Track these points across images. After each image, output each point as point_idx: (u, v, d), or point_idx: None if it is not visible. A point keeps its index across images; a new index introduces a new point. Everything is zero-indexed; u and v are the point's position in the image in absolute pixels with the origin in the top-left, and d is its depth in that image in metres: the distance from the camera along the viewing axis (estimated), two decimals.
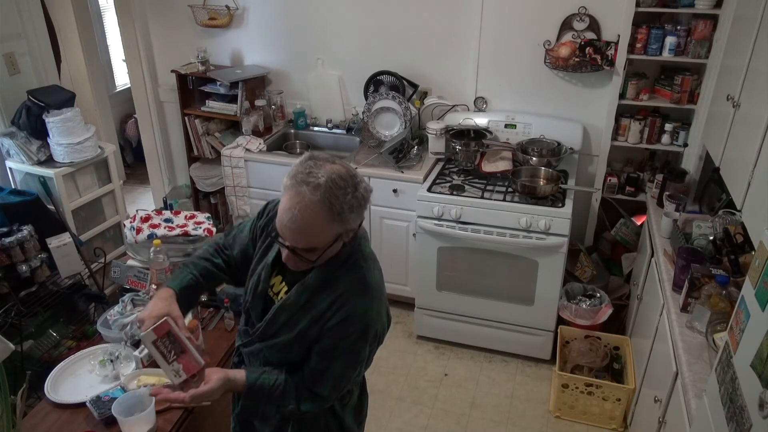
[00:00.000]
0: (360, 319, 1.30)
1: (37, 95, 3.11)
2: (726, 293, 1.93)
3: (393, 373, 3.02)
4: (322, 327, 1.31)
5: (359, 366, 1.36)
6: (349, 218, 1.22)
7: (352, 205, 1.20)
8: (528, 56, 3.13)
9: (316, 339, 1.33)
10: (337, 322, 1.29)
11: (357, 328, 1.30)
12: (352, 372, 1.36)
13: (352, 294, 1.30)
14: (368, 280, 1.34)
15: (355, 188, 1.21)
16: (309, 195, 1.16)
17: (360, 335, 1.31)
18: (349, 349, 1.32)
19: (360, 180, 1.24)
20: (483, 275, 2.94)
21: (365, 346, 1.33)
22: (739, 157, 2.02)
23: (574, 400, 2.68)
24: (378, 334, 1.35)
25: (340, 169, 1.22)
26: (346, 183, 1.20)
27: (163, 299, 1.39)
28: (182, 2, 3.59)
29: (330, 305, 1.30)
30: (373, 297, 1.33)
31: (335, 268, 1.33)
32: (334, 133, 3.60)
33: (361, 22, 3.37)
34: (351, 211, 1.21)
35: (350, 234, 1.28)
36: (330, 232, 1.22)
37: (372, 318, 1.32)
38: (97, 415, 1.62)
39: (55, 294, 2.63)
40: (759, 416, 1.17)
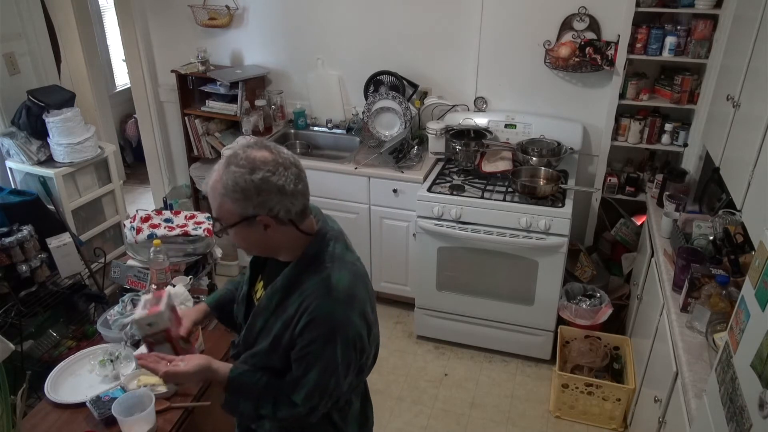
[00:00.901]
0: (324, 322, 1.25)
1: (37, 95, 3.10)
2: (726, 293, 1.93)
3: (393, 373, 3.02)
4: (292, 332, 1.29)
5: (336, 374, 1.28)
6: (238, 197, 1.21)
7: (238, 184, 1.20)
8: (528, 56, 3.13)
9: (290, 346, 1.31)
10: (303, 327, 1.26)
11: (322, 331, 1.25)
12: (330, 380, 1.29)
13: (315, 296, 1.27)
14: (333, 281, 1.29)
15: (252, 171, 1.20)
16: (216, 166, 1.25)
17: (327, 339, 1.26)
18: (320, 355, 1.27)
19: (265, 170, 1.21)
20: (483, 275, 2.94)
21: (336, 350, 1.26)
22: (739, 157, 2.02)
23: (574, 400, 2.68)
24: (352, 338, 1.28)
25: (256, 153, 1.23)
26: (246, 164, 1.21)
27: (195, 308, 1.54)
28: (182, 2, 3.59)
29: (296, 309, 1.28)
30: (337, 299, 1.27)
31: (301, 270, 1.32)
32: (334, 133, 3.60)
33: (361, 22, 3.37)
34: (239, 192, 1.21)
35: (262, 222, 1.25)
36: (226, 207, 1.24)
37: (338, 320, 1.26)
38: (97, 415, 1.62)
39: (55, 294, 2.63)
40: (759, 416, 1.17)
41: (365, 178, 3.12)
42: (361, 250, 3.31)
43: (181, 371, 1.33)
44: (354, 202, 3.20)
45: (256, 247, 1.35)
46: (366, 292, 1.36)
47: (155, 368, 1.33)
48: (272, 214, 1.24)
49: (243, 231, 1.27)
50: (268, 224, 1.26)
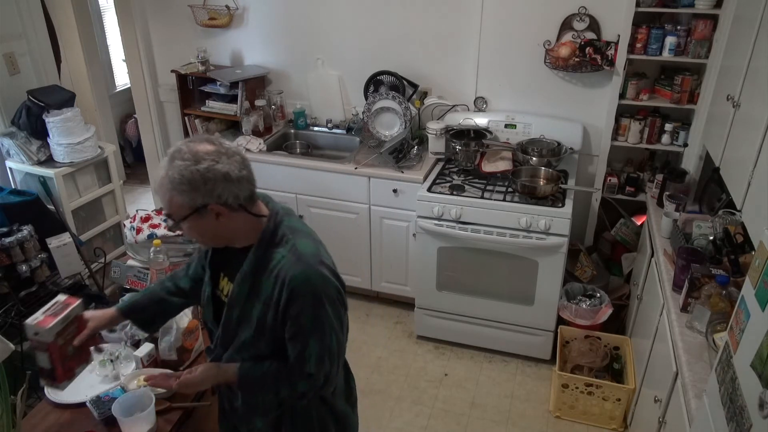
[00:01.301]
0: (305, 288, 1.30)
1: (37, 95, 3.11)
2: (726, 293, 1.93)
3: (393, 373, 3.02)
4: (276, 310, 1.33)
5: (332, 333, 1.35)
6: (185, 189, 1.25)
7: (184, 176, 1.24)
8: (528, 56, 3.13)
9: (275, 325, 1.34)
10: (286, 300, 1.30)
11: (307, 297, 1.31)
12: (329, 341, 1.35)
13: (288, 267, 1.31)
14: (299, 249, 1.34)
15: (195, 163, 1.24)
16: (161, 168, 1.28)
17: (315, 303, 1.31)
18: (314, 322, 1.32)
19: (206, 161, 1.25)
20: (483, 275, 2.94)
21: (325, 311, 1.32)
22: (739, 157, 2.02)
23: (574, 400, 2.68)
24: (332, 295, 1.35)
25: (194, 146, 1.27)
26: (189, 156, 1.25)
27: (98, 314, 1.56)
28: (182, 2, 3.59)
29: (273, 285, 1.32)
30: (308, 263, 1.32)
31: (265, 248, 1.36)
32: (334, 133, 3.60)
33: (361, 22, 3.37)
34: (186, 184, 1.24)
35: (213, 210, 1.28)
36: (176, 201, 1.27)
37: (315, 281, 1.32)
38: (97, 415, 1.62)
39: (55, 294, 2.62)
40: (759, 416, 1.17)
41: (365, 178, 3.12)
42: (361, 250, 3.31)
43: (191, 379, 1.38)
44: (354, 202, 3.20)
45: (211, 238, 1.37)
46: (328, 253, 1.43)
47: (166, 384, 1.40)
48: (221, 202, 1.28)
49: (196, 222, 1.30)
50: (220, 212, 1.29)
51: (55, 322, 1.43)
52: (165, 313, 1.65)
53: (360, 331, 3.31)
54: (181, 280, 1.64)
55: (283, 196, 3.31)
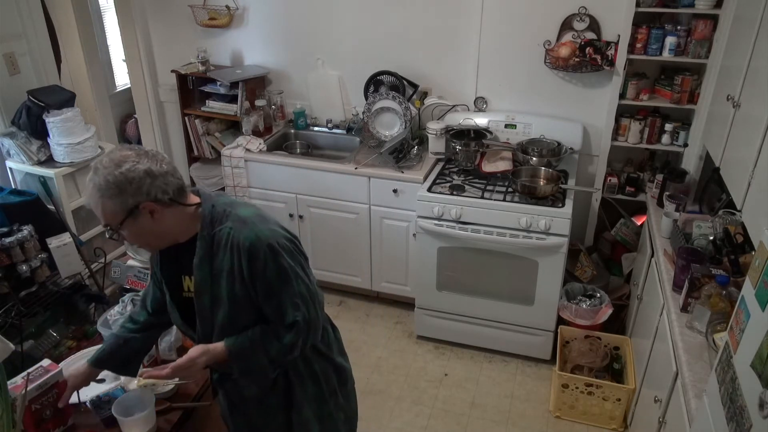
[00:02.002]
0: (259, 246, 1.36)
1: (37, 95, 3.10)
2: (726, 293, 1.93)
3: (393, 373, 3.02)
4: (242, 280, 1.37)
5: (298, 279, 1.41)
6: (113, 193, 1.30)
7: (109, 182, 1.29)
8: (528, 56, 3.13)
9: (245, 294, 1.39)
10: (248, 264, 1.36)
11: (264, 254, 1.36)
12: (297, 286, 1.41)
13: (238, 234, 1.37)
14: (241, 215, 1.41)
15: (117, 167, 1.30)
16: (87, 182, 1.34)
17: (272, 256, 1.37)
18: (278, 274, 1.38)
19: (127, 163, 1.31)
20: (483, 275, 2.94)
21: (285, 260, 1.38)
22: (739, 157, 2.02)
23: (574, 400, 2.68)
24: (286, 245, 1.41)
25: (115, 155, 1.33)
26: (108, 165, 1.31)
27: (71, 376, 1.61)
28: (182, 2, 3.59)
29: (231, 258, 1.37)
30: (253, 223, 1.39)
31: (210, 229, 1.40)
32: (334, 133, 3.60)
33: (361, 22, 3.37)
34: (113, 188, 1.29)
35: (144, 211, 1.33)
36: (108, 208, 1.32)
37: (266, 236, 1.38)
38: (97, 415, 1.62)
39: (55, 294, 2.63)
40: (759, 416, 1.17)
41: (365, 178, 3.12)
42: (361, 250, 3.31)
43: (185, 360, 1.41)
44: (354, 202, 3.20)
45: (153, 239, 1.41)
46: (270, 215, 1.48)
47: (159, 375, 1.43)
48: (151, 198, 1.32)
49: (133, 226, 1.34)
50: (153, 209, 1.34)
51: (29, 389, 1.50)
52: (136, 352, 1.67)
53: (360, 331, 3.31)
54: (139, 315, 1.68)
55: (283, 196, 3.31)
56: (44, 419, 1.55)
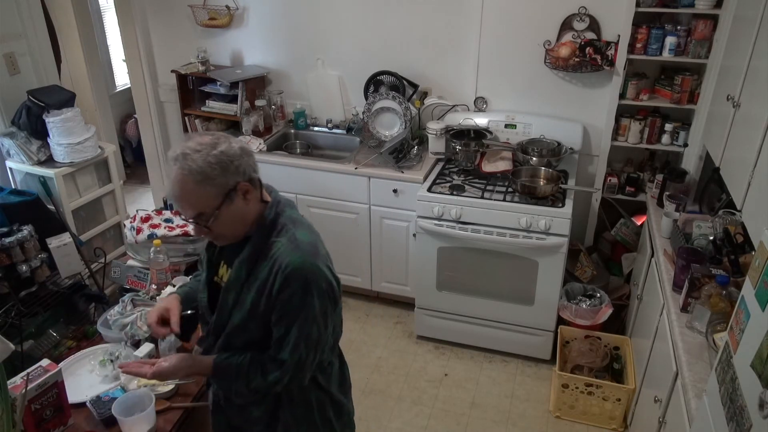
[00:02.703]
0: (298, 275, 1.33)
1: (37, 95, 3.10)
2: (726, 293, 1.93)
3: (393, 373, 3.02)
4: (269, 296, 1.35)
5: (315, 323, 1.37)
6: (216, 173, 1.27)
7: (211, 163, 1.26)
8: (528, 56, 3.13)
9: (267, 311, 1.37)
10: (279, 286, 1.33)
11: (298, 283, 1.33)
12: (312, 330, 1.37)
13: (285, 254, 1.34)
14: (298, 238, 1.37)
15: (213, 148, 1.27)
16: (174, 169, 1.27)
17: (304, 290, 1.34)
18: (300, 308, 1.34)
19: (222, 143, 1.30)
20: (483, 275, 2.94)
21: (313, 300, 1.35)
22: (739, 157, 2.02)
23: (574, 400, 2.68)
24: (324, 288, 1.37)
25: (199, 139, 1.30)
26: (202, 147, 1.27)
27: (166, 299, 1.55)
28: (182, 2, 3.59)
29: (269, 272, 1.35)
30: (305, 251, 1.35)
31: (265, 237, 1.38)
32: (334, 133, 3.60)
33: (361, 22, 3.37)
34: (214, 169, 1.27)
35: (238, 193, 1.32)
36: (206, 193, 1.28)
37: (309, 270, 1.34)
38: (97, 415, 1.62)
39: (55, 294, 2.63)
40: (759, 416, 1.17)
41: (365, 178, 3.12)
42: (361, 250, 3.31)
43: (165, 367, 1.42)
44: (354, 202, 3.20)
45: (240, 225, 1.37)
46: (325, 249, 1.45)
47: (140, 372, 1.43)
48: (246, 177, 1.32)
49: (228, 210, 1.32)
50: (247, 190, 1.33)
51: (29, 389, 1.50)
52: None
53: (360, 331, 3.31)
54: None
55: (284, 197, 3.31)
56: (44, 419, 1.55)
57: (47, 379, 1.55)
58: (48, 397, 1.55)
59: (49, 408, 1.56)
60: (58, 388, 1.58)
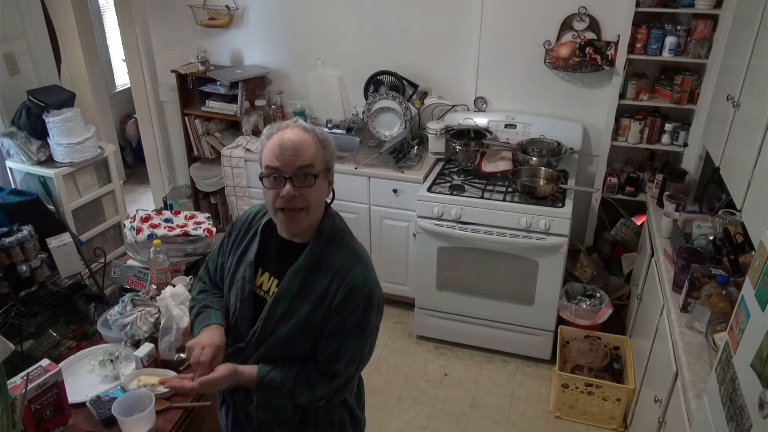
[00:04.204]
0: (362, 288, 1.34)
1: (37, 95, 3.10)
2: (726, 293, 1.93)
3: (393, 373, 3.02)
4: (327, 308, 1.33)
5: (369, 338, 1.39)
6: (330, 150, 1.36)
7: (326, 135, 1.36)
8: (528, 56, 3.13)
9: (322, 324, 1.34)
10: (343, 298, 1.32)
11: (362, 297, 1.34)
12: (364, 345, 1.38)
13: (349, 266, 1.34)
14: (358, 250, 1.40)
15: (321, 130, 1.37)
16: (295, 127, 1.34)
17: (367, 304, 1.35)
18: (359, 322, 1.35)
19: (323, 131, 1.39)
20: (483, 275, 2.94)
21: (372, 314, 1.37)
22: (739, 157, 2.02)
23: (574, 400, 2.68)
24: (380, 300, 1.41)
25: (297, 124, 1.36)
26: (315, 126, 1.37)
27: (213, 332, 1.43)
28: (182, 2, 3.59)
29: (330, 283, 1.33)
30: (367, 265, 1.38)
31: (322, 247, 1.37)
32: (334, 133, 3.60)
33: (361, 22, 3.37)
34: (326, 142, 1.35)
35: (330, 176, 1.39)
36: (319, 154, 1.33)
37: (372, 284, 1.37)
38: (97, 415, 1.62)
39: (55, 294, 2.63)
40: (759, 416, 1.17)
41: (365, 178, 3.12)
42: None
43: (214, 378, 1.34)
44: (354, 202, 3.20)
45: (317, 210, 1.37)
46: None
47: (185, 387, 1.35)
48: (331, 167, 1.39)
49: (321, 184, 1.35)
50: (331, 180, 1.40)
51: (29, 389, 1.50)
52: None
53: None
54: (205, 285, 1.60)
55: None
56: (44, 419, 1.55)
57: (47, 379, 1.55)
58: (48, 397, 1.55)
59: (49, 408, 1.56)
60: (58, 388, 1.58)
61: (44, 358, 1.63)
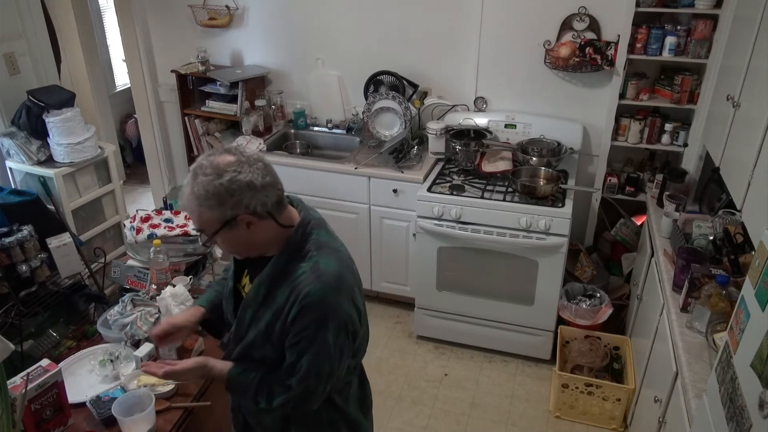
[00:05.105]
0: (315, 308, 1.29)
1: (37, 95, 3.10)
2: (726, 293, 1.93)
3: (393, 373, 3.02)
4: (284, 322, 1.32)
5: (330, 358, 1.32)
6: (213, 204, 1.25)
7: (209, 191, 1.24)
8: (528, 56, 3.13)
9: (282, 335, 1.34)
10: (295, 315, 1.29)
11: (314, 317, 1.29)
12: (323, 364, 1.32)
13: (305, 283, 1.29)
14: (321, 267, 1.32)
15: (219, 177, 1.24)
16: (186, 191, 1.28)
17: (319, 324, 1.29)
18: (313, 341, 1.30)
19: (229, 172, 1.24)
20: (483, 275, 2.94)
21: (328, 335, 1.30)
22: (739, 157, 2.02)
23: (574, 400, 2.68)
24: (343, 322, 1.32)
25: (218, 159, 1.27)
26: (212, 171, 1.25)
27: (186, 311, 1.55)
28: (182, 2, 3.59)
29: (287, 298, 1.31)
30: (327, 284, 1.30)
31: (287, 259, 1.35)
32: (334, 133, 3.60)
33: (361, 22, 3.37)
34: (212, 199, 1.24)
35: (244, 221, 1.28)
36: (204, 216, 1.27)
37: (327, 305, 1.29)
38: (97, 415, 1.62)
39: (55, 294, 2.63)
40: (759, 416, 1.17)
41: (365, 178, 3.12)
42: (361, 250, 3.31)
43: (179, 368, 1.42)
44: (354, 202, 3.20)
45: (244, 249, 1.37)
46: (352, 276, 1.40)
47: (155, 372, 1.43)
48: (249, 211, 1.27)
49: (228, 235, 1.30)
50: (250, 222, 1.29)
51: (29, 389, 1.50)
52: None
53: None
54: None
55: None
56: (44, 419, 1.55)
57: (47, 379, 1.55)
58: (48, 397, 1.55)
59: (49, 408, 1.56)
60: (58, 388, 1.58)
61: (44, 358, 1.63)
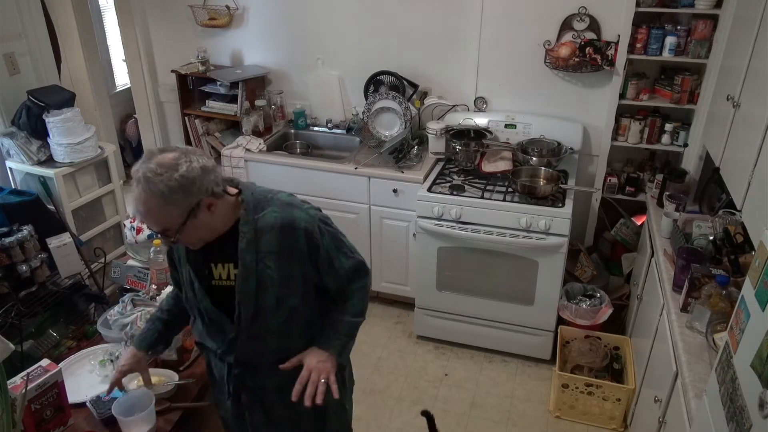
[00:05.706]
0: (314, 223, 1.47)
1: (37, 95, 3.11)
2: (726, 293, 1.93)
3: (393, 373, 3.02)
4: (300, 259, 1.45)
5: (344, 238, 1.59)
6: (178, 197, 1.30)
7: (172, 187, 1.28)
8: (528, 56, 3.13)
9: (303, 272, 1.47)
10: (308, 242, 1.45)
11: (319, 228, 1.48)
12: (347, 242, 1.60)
13: (288, 217, 1.44)
14: (282, 200, 1.48)
15: (174, 171, 1.29)
16: (138, 190, 1.30)
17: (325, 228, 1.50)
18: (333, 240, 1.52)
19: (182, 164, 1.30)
20: (483, 275, 2.94)
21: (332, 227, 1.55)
22: (739, 157, 2.02)
23: (574, 400, 2.68)
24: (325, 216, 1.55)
25: (160, 159, 1.31)
26: (163, 170, 1.28)
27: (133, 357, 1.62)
28: (182, 2, 3.59)
29: (281, 239, 1.43)
30: (298, 206, 1.49)
31: (254, 214, 1.44)
32: (334, 133, 3.60)
33: (361, 22, 3.37)
34: (178, 192, 1.29)
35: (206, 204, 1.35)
36: (171, 212, 1.32)
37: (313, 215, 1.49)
38: (97, 415, 1.62)
39: (55, 294, 2.63)
40: (759, 416, 1.17)
41: (365, 178, 3.12)
42: (361, 250, 3.27)
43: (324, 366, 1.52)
44: (354, 202, 3.20)
45: (207, 233, 1.41)
46: None
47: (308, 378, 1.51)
48: (209, 193, 1.35)
49: (192, 224, 1.35)
50: (211, 203, 1.36)
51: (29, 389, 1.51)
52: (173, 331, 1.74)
53: (360, 331, 3.29)
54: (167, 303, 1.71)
55: None
56: (44, 419, 1.55)
57: (47, 379, 1.55)
58: (48, 397, 1.55)
59: (49, 408, 1.56)
60: (58, 388, 1.58)
61: (44, 358, 1.63)
